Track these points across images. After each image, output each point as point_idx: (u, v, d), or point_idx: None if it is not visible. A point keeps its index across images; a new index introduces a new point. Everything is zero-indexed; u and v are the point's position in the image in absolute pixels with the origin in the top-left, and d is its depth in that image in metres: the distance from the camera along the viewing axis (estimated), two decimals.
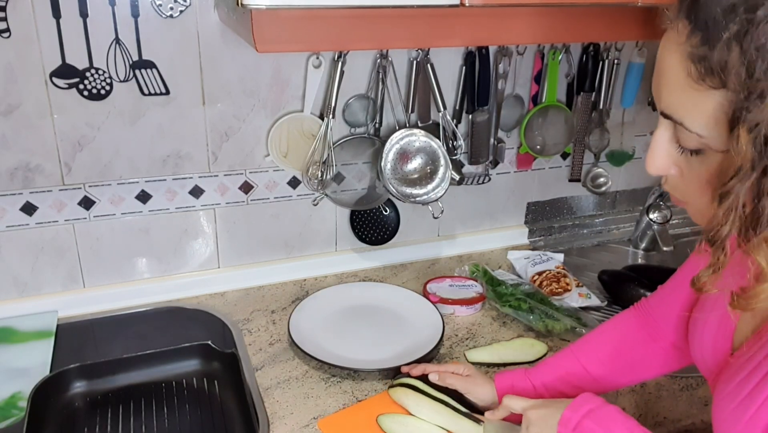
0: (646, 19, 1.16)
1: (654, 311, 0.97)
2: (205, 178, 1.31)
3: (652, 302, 0.98)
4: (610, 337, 1.00)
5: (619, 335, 1.00)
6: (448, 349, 1.23)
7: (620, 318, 1.02)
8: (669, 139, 0.63)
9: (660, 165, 0.65)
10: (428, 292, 1.37)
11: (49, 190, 1.21)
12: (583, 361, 0.99)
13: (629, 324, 0.99)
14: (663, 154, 0.64)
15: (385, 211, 1.48)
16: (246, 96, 1.27)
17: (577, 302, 1.37)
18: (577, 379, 0.98)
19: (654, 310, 0.97)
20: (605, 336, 1.01)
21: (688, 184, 0.64)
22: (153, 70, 1.19)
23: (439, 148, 1.37)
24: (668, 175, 0.66)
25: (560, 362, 1.01)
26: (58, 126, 1.17)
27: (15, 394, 1.08)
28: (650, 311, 0.98)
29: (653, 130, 0.66)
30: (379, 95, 1.35)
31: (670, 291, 0.94)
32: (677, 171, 0.64)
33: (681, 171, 0.64)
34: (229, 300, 1.37)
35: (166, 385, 1.15)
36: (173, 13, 1.17)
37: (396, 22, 0.99)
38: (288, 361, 1.18)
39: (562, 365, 1.00)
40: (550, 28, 1.11)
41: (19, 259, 1.24)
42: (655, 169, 0.65)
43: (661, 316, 0.95)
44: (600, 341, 1.01)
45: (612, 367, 0.98)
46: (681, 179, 0.65)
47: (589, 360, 0.98)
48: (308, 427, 1.02)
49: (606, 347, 0.99)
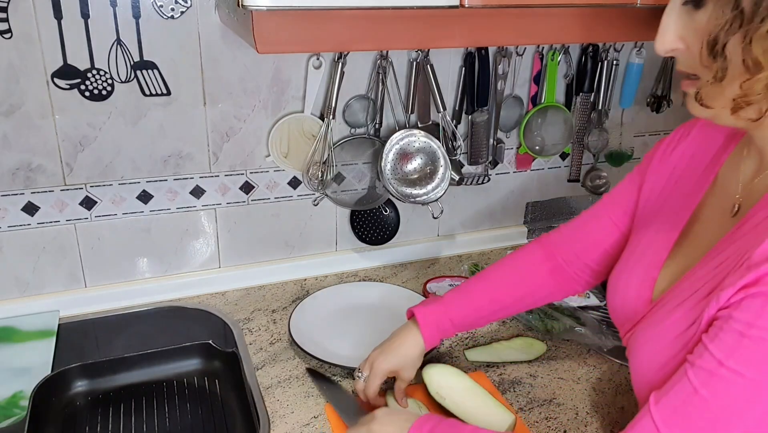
0: (645, 20, 1.17)
1: (560, 248, 1.04)
2: (206, 178, 1.32)
3: (555, 239, 1.06)
4: (518, 272, 1.08)
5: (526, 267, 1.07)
6: (447, 349, 1.24)
7: (525, 253, 1.09)
8: (677, 15, 0.69)
9: (669, 39, 0.70)
10: (428, 291, 1.37)
11: (51, 191, 1.22)
12: (490, 293, 1.06)
13: (534, 257, 1.07)
14: (672, 29, 0.70)
15: (385, 212, 1.49)
16: (247, 96, 1.28)
17: (575, 301, 1.37)
18: (486, 312, 1.06)
19: (560, 247, 1.04)
20: (512, 271, 1.08)
21: (693, 49, 0.69)
22: (154, 70, 1.20)
23: (438, 148, 1.38)
24: (677, 51, 0.71)
25: (473, 294, 1.06)
26: (59, 126, 1.18)
27: (16, 393, 1.08)
28: (556, 248, 1.05)
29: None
30: (379, 96, 1.36)
31: (576, 230, 1.04)
32: (683, 45, 0.70)
33: (686, 43, 0.69)
34: (230, 300, 1.37)
35: (167, 384, 1.15)
36: (174, 14, 1.17)
37: (396, 23, 1.00)
38: (288, 360, 1.18)
39: (474, 297, 1.06)
40: (549, 29, 1.12)
41: (21, 259, 1.25)
42: (665, 45, 0.71)
43: (569, 252, 1.03)
44: (506, 273, 1.08)
45: (517, 296, 1.06)
46: (688, 52, 0.70)
47: (497, 292, 1.06)
48: (309, 426, 1.03)
49: (512, 279, 1.07)
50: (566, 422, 1.06)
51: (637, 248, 0.90)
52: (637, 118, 1.64)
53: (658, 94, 1.62)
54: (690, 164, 0.88)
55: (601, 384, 1.15)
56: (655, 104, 1.63)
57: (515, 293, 1.06)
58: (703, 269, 0.74)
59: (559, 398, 1.11)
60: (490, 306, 1.05)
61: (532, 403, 1.10)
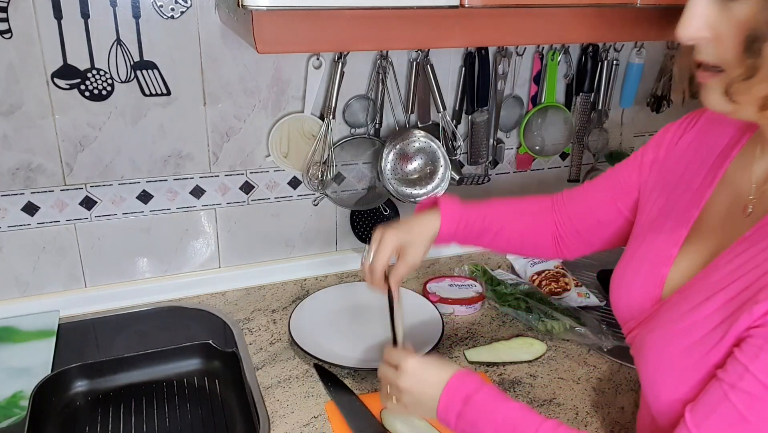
0: (645, 20, 1.17)
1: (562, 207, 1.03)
2: (206, 178, 1.32)
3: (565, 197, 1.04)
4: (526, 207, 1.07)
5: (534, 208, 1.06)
6: (447, 348, 1.24)
7: (540, 198, 1.07)
8: (707, 2, 0.65)
9: (696, 25, 0.66)
10: (428, 291, 1.37)
11: (51, 191, 1.22)
12: (500, 214, 1.04)
13: (544, 205, 1.06)
14: (700, 16, 0.66)
15: (385, 212, 1.49)
16: (247, 96, 1.28)
17: (576, 301, 1.37)
18: (492, 229, 1.03)
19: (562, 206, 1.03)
20: (521, 206, 1.07)
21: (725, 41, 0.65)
22: (154, 70, 1.20)
23: (438, 148, 1.38)
24: (701, 40, 0.67)
25: (486, 205, 1.04)
26: (59, 126, 1.18)
27: (17, 393, 1.08)
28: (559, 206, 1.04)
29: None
30: (379, 96, 1.36)
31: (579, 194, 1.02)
32: (711, 34, 0.66)
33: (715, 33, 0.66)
34: (230, 300, 1.37)
35: (167, 384, 1.15)
36: (174, 14, 1.17)
37: (396, 23, 1.00)
38: (288, 360, 1.18)
39: (487, 209, 1.04)
40: (549, 29, 1.12)
41: (21, 259, 1.25)
42: (690, 30, 0.67)
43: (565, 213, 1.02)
44: (517, 206, 1.07)
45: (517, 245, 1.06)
46: (716, 43, 0.66)
47: (505, 217, 1.04)
48: (309, 426, 1.03)
49: (518, 211, 1.06)
50: (566, 422, 1.05)
51: (642, 243, 0.88)
52: (637, 118, 1.64)
53: (658, 94, 1.62)
54: (696, 156, 0.85)
55: (601, 384, 1.15)
56: (655, 104, 1.63)
57: (517, 226, 1.05)
58: (720, 271, 0.72)
59: (559, 398, 1.11)
60: (495, 226, 1.03)
61: (532, 403, 1.10)
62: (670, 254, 0.82)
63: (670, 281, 0.81)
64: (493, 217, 1.03)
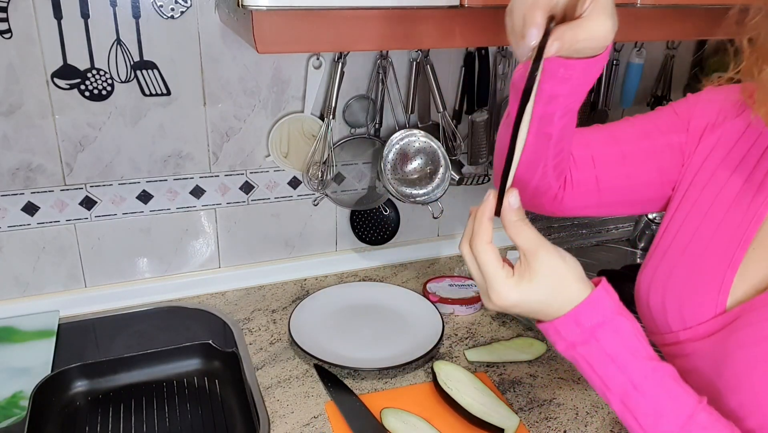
0: (645, 20, 1.17)
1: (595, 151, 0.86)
2: (205, 178, 1.32)
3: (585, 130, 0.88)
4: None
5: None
6: (447, 348, 1.24)
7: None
8: None
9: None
10: (428, 291, 1.37)
11: (51, 191, 1.22)
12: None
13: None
14: None
15: (385, 212, 1.49)
16: (247, 96, 1.28)
17: None
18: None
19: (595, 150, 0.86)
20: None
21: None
22: (154, 70, 1.20)
23: (438, 148, 1.38)
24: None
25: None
26: (59, 126, 1.18)
27: (16, 393, 1.08)
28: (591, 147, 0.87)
29: None
30: (379, 96, 1.36)
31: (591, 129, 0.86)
32: None
33: None
34: (230, 300, 1.37)
35: (167, 384, 1.15)
36: (174, 14, 1.17)
37: (396, 23, 1.00)
38: (288, 360, 1.18)
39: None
40: None
41: (21, 259, 1.25)
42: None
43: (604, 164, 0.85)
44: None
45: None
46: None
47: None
48: (309, 426, 1.03)
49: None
50: (566, 422, 1.06)
51: (691, 241, 0.74)
52: None
53: (658, 94, 1.62)
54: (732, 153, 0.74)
55: None
56: (655, 104, 1.63)
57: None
58: None
59: (559, 398, 1.11)
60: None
61: (532, 403, 1.10)
62: (734, 258, 0.70)
63: (735, 290, 0.69)
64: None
